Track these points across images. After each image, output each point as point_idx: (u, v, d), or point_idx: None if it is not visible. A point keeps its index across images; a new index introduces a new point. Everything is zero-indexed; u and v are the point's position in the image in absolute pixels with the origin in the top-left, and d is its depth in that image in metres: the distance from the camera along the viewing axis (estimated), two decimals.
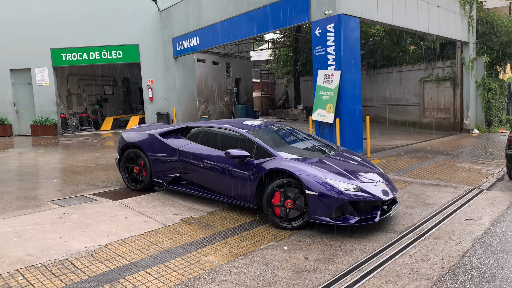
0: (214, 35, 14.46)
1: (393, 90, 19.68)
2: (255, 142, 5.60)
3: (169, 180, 6.34)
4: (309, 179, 4.89)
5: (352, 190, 4.88)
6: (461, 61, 16.58)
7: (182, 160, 6.14)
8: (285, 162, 5.22)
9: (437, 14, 14.10)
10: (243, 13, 12.84)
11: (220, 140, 6.05)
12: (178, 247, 4.52)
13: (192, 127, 6.58)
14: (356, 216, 4.84)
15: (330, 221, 4.84)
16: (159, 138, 6.54)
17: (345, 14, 10.02)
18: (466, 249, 4.48)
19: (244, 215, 5.71)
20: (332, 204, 4.80)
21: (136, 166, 6.82)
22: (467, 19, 16.17)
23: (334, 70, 10.13)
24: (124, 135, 7.11)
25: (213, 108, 20.76)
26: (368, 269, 4.01)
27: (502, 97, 18.14)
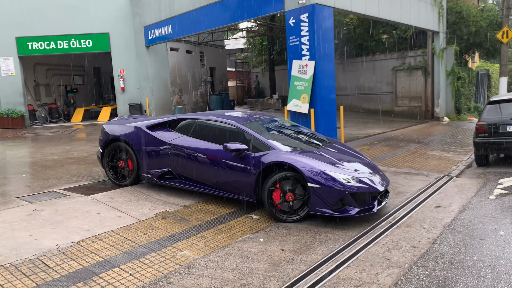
0: (187, 24, 14.21)
1: (366, 79, 19.94)
2: (252, 135, 5.51)
3: (159, 175, 6.13)
4: (311, 171, 4.89)
5: (351, 181, 4.93)
6: (432, 50, 16.92)
7: (174, 154, 5.96)
8: (285, 155, 5.17)
9: (409, 3, 14.30)
10: (216, 2, 12.65)
11: (214, 133, 5.88)
12: (153, 242, 4.47)
13: (181, 119, 6.35)
14: (356, 207, 4.91)
15: (331, 213, 4.88)
16: (147, 131, 6.28)
17: (319, 3, 10.02)
18: (436, 236, 4.61)
19: (220, 207, 5.69)
20: (334, 196, 4.84)
21: (121, 161, 6.57)
22: (438, 9, 16.47)
23: (309, 60, 10.15)
24: (106, 128, 6.80)
25: (188, 98, 20.51)
26: (342, 258, 4.08)
27: (471, 85, 18.68)
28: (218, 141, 5.68)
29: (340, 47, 20.47)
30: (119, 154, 6.63)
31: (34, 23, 17.07)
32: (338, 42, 20.08)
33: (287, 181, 5.05)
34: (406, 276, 3.69)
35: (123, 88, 18.04)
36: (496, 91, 22.50)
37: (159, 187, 6.53)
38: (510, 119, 7.85)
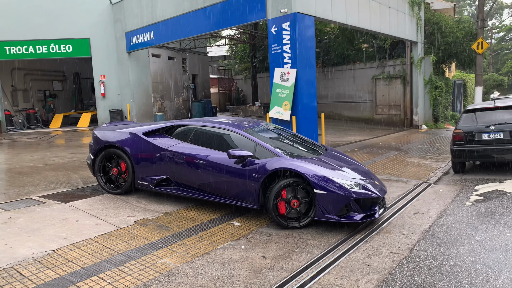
0: (169, 30, 14.18)
1: (347, 87, 20.23)
2: (255, 142, 5.49)
3: (156, 182, 5.96)
4: (317, 178, 4.93)
5: (355, 188, 4.98)
6: (410, 59, 17.30)
7: (173, 160, 5.81)
8: (290, 161, 5.18)
9: (388, 14, 14.62)
10: (199, 9, 12.68)
11: (214, 140, 5.81)
12: (133, 250, 4.40)
13: (179, 125, 6.22)
14: (360, 213, 4.97)
15: (337, 219, 4.92)
16: (144, 137, 6.10)
17: (300, 12, 10.15)
18: (415, 242, 4.69)
19: (202, 214, 5.66)
20: (339, 202, 4.89)
21: (114, 168, 6.34)
22: (416, 19, 16.89)
23: (290, 68, 10.24)
24: (98, 134, 6.54)
25: (169, 104, 20.39)
26: (323, 265, 4.10)
27: (448, 94, 19.16)
28: (218, 148, 5.65)
29: (321, 56, 20.75)
30: (112, 161, 6.41)
31: (12, 27, 16.75)
32: (319, 50, 20.36)
33: (292, 188, 5.06)
34: (386, 281, 3.74)
35: (103, 94, 17.81)
36: (471, 100, 23.13)
37: (139, 194, 6.45)
38: (485, 127, 8.07)
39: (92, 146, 6.63)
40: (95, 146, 6.52)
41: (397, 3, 15.34)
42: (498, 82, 38.89)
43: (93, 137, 6.63)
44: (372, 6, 13.50)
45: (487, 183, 7.54)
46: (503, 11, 69.37)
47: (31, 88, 20.14)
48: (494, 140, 7.97)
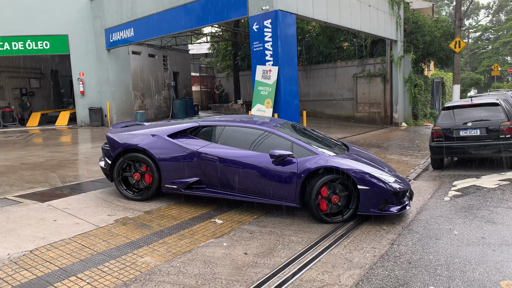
0: (149, 27, 14.00)
1: (328, 85, 20.37)
2: (291, 141, 5.52)
3: (186, 185, 5.74)
4: (360, 174, 5.08)
5: (391, 182, 5.20)
6: (390, 58, 17.54)
7: (204, 162, 5.61)
8: (331, 159, 5.28)
9: (369, 13, 14.78)
10: (180, 5, 12.56)
11: (246, 140, 5.70)
12: (113, 249, 4.32)
13: (204, 126, 6.01)
14: (397, 205, 5.20)
15: (379, 212, 5.13)
16: (170, 139, 5.86)
17: (282, 10, 10.16)
18: (395, 237, 4.75)
19: (183, 212, 5.60)
20: (381, 196, 5.10)
21: (136, 173, 5.96)
22: (395, 18, 17.12)
23: (272, 66, 10.25)
24: (115, 137, 6.08)
25: (150, 102, 20.16)
26: (305, 261, 4.11)
27: (427, 92, 19.51)
28: (252, 148, 5.59)
29: (303, 54, 20.84)
30: (132, 166, 6.02)
31: None
32: (301, 49, 20.44)
33: (330, 184, 5.16)
34: (367, 276, 3.77)
35: (82, 91, 17.49)
36: (450, 98, 23.61)
37: (117, 193, 6.35)
38: (462, 124, 8.25)
39: (107, 150, 6.16)
40: (113, 151, 6.04)
41: (377, 2, 15.52)
42: (475, 81, 39.83)
43: (108, 141, 6.16)
44: (353, 4, 13.62)
45: (464, 179, 7.71)
46: (479, 11, 71.06)
47: (7, 86, 19.63)
48: (471, 136, 8.15)
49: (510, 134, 7.88)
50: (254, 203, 5.90)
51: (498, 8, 67.77)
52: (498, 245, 4.40)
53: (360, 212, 5.16)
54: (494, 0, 71.22)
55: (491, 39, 64.42)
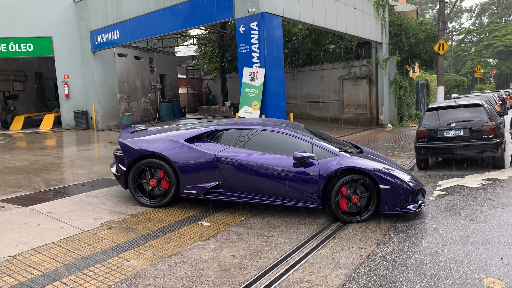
0: (135, 29, 13.90)
1: (315, 87, 20.48)
2: (311, 143, 5.61)
3: (205, 190, 5.64)
4: (381, 174, 5.22)
5: (408, 180, 5.37)
6: (376, 60, 17.72)
7: (223, 166, 5.56)
8: (351, 159, 5.39)
9: (354, 15, 14.92)
10: (166, 7, 12.50)
11: (265, 143, 5.71)
12: (98, 253, 4.27)
13: (220, 130, 5.95)
14: (415, 203, 5.42)
15: (400, 210, 5.28)
16: (188, 144, 5.77)
17: (268, 12, 10.19)
18: (382, 237, 4.79)
19: (170, 215, 5.56)
20: (402, 195, 5.26)
21: (153, 179, 5.82)
22: (380, 21, 17.32)
23: (259, 68, 10.26)
24: (129, 143, 5.92)
25: (136, 105, 19.99)
26: (292, 262, 4.12)
27: (412, 94, 19.76)
28: (270, 150, 5.60)
29: (289, 56, 20.92)
30: (148, 172, 5.86)
31: None
32: (287, 51, 20.52)
33: (350, 184, 5.25)
34: (354, 276, 3.79)
35: (67, 94, 17.26)
36: (434, 99, 23.94)
37: (105, 196, 6.28)
38: (447, 125, 8.37)
39: (121, 156, 5.97)
40: (127, 157, 5.87)
41: (363, 4, 15.68)
42: (458, 82, 40.50)
43: (122, 147, 5.98)
44: (339, 7, 13.73)
45: (449, 179, 7.81)
46: (462, 14, 72.36)
47: None
48: (455, 137, 8.27)
49: (493, 134, 8.02)
50: (240, 203, 5.92)
51: (480, 11, 69.12)
52: (482, 243, 4.47)
53: (382, 211, 5.28)
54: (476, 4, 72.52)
55: (473, 41, 65.63)
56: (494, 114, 8.94)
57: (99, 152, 11.56)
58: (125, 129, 6.80)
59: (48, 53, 16.96)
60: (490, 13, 67.49)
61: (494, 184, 7.15)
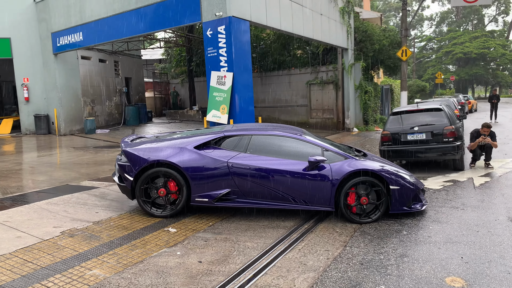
0: (100, 32, 13.55)
1: (283, 92, 20.65)
2: (322, 147, 5.72)
3: (218, 198, 5.54)
4: (390, 175, 5.43)
5: (413, 181, 5.66)
6: (341, 65, 18.07)
7: (235, 173, 5.49)
8: (361, 162, 5.53)
9: (320, 21, 15.17)
10: (131, 10, 12.26)
11: (273, 148, 5.71)
12: (58, 262, 4.09)
13: (229, 136, 5.85)
14: (421, 202, 5.72)
15: (408, 209, 5.55)
16: (198, 151, 5.64)
17: (236, 16, 10.19)
18: (348, 239, 4.85)
19: (135, 222, 5.42)
20: (410, 195, 5.55)
21: (162, 188, 5.59)
22: (346, 27, 17.70)
23: (227, 72, 10.23)
24: (136, 152, 5.68)
25: (101, 109, 19.48)
26: (260, 266, 4.09)
27: (377, 99, 20.27)
28: (281, 155, 5.62)
29: (258, 61, 21.01)
30: (157, 181, 5.65)
31: None
32: (256, 56, 20.60)
33: (362, 186, 5.41)
34: (321, 279, 3.81)
35: (27, 98, 16.59)
36: (398, 104, 24.68)
37: (67, 203, 6.05)
38: (410, 129, 8.62)
39: (127, 166, 5.69)
40: (135, 166, 5.61)
41: (329, 11, 15.97)
42: (421, 88, 41.95)
43: (128, 156, 5.72)
44: (305, 13, 13.92)
45: None
46: (423, 22, 75.15)
47: None
48: (418, 140, 8.53)
49: (453, 138, 8.33)
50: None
51: (440, 20, 72.04)
52: (443, 243, 4.61)
53: (392, 211, 5.49)
54: (436, 13, 75.49)
55: (434, 48, 68.31)
56: (454, 118, 9.29)
57: (61, 157, 11.16)
58: (123, 138, 6.55)
59: (6, 54, 16.26)
60: (450, 22, 70.49)
61: (455, 185, 7.42)
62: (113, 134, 16.80)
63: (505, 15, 65.95)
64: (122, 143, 6.19)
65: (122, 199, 6.50)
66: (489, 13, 68.11)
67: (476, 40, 57.67)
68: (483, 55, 57.52)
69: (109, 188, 7.13)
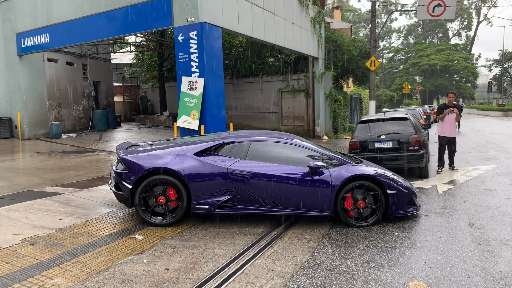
0: (68, 33, 13.20)
1: (255, 99, 20.75)
2: (321, 152, 5.85)
3: (218, 205, 5.47)
4: (387, 180, 5.59)
5: (408, 185, 5.84)
6: (312, 74, 18.36)
7: (235, 179, 5.46)
8: (359, 167, 5.69)
9: (292, 30, 15.37)
10: (101, 12, 12.02)
11: (273, 154, 5.76)
12: (17, 271, 3.92)
13: (228, 142, 5.82)
14: (415, 205, 5.90)
15: (404, 213, 5.74)
16: (198, 158, 5.56)
17: (208, 22, 10.18)
18: (316, 245, 4.89)
19: (100, 229, 5.27)
20: (405, 199, 5.71)
21: (161, 196, 5.47)
22: (317, 37, 18.01)
23: (198, 77, 10.18)
24: (135, 159, 5.53)
25: (68, 113, 18.93)
26: (228, 273, 4.06)
27: (346, 107, 20.67)
28: (281, 161, 5.67)
29: (230, 67, 21.03)
30: (156, 189, 5.53)
31: None
32: (228, 62, 20.63)
33: (360, 190, 5.55)
34: (289, 285, 3.82)
35: None
36: (367, 112, 25.26)
37: (28, 209, 5.82)
38: (377, 137, 8.83)
39: (125, 174, 5.54)
40: (134, 174, 5.48)
41: (300, 20, 16.21)
42: (389, 97, 43.15)
43: (127, 163, 5.56)
44: (277, 21, 14.07)
45: None
46: (392, 34, 77.53)
47: None
48: (385, 148, 8.75)
49: (418, 146, 8.59)
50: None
51: (407, 32, 74.54)
52: (408, 248, 4.73)
53: (389, 215, 5.65)
54: (404, 25, 78.03)
55: (402, 60, 70.52)
56: (419, 128, 9.60)
57: (24, 162, 10.75)
58: (119, 145, 6.34)
59: None
60: (416, 34, 73.04)
61: (419, 193, 7.62)
62: (80, 139, 16.35)
63: (468, 29, 69.01)
64: (118, 150, 6.05)
65: (87, 205, 6.32)
66: (453, 27, 71.12)
67: (441, 53, 60.01)
68: (448, 67, 59.92)
69: (74, 194, 6.92)
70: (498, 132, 20.39)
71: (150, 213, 5.55)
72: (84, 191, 7.15)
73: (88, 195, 6.94)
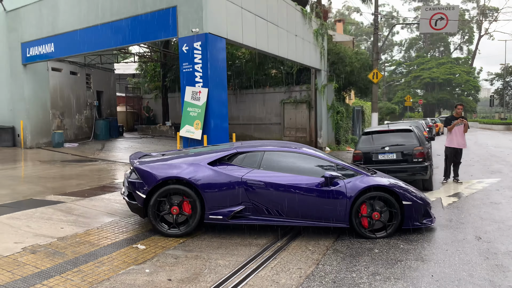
0: (72, 43, 13.28)
1: (257, 110, 20.78)
2: (335, 163, 5.78)
3: (231, 215, 5.40)
4: (403, 191, 5.54)
5: (423, 196, 5.79)
6: (315, 86, 18.39)
7: (250, 190, 5.40)
8: (373, 178, 5.62)
9: (295, 42, 15.45)
10: (106, 23, 12.11)
11: (288, 164, 5.73)
12: (18, 280, 3.86)
13: (241, 152, 5.79)
14: (430, 217, 5.83)
15: (420, 225, 5.64)
16: (212, 168, 5.53)
17: (212, 33, 10.23)
18: (321, 257, 4.82)
19: (102, 238, 5.22)
20: (421, 210, 5.65)
21: (174, 206, 5.42)
22: (320, 49, 18.10)
23: (202, 87, 10.20)
24: (149, 169, 5.51)
25: (70, 122, 18.95)
26: (232, 285, 4.00)
27: (348, 119, 20.68)
28: (295, 171, 5.64)
29: (233, 79, 21.10)
30: (169, 198, 5.48)
31: None
32: (231, 73, 20.70)
33: (375, 202, 5.49)
34: None
35: None
36: (369, 125, 25.21)
37: (29, 218, 5.77)
38: (380, 149, 8.78)
39: (138, 183, 5.49)
40: (148, 183, 5.43)
41: (303, 32, 16.31)
42: (391, 110, 43.22)
43: (141, 173, 5.53)
44: (280, 33, 14.15)
45: None
46: (393, 47, 77.95)
47: None
48: (388, 160, 8.70)
49: (422, 158, 8.54)
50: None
51: (409, 45, 74.92)
52: (414, 261, 4.65)
53: (405, 226, 5.56)
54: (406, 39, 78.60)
55: (403, 73, 70.75)
56: (423, 140, 9.56)
57: (26, 171, 10.72)
58: (132, 155, 6.33)
59: None
60: (418, 48, 73.41)
61: None
62: (82, 148, 16.34)
63: (469, 43, 69.33)
64: (132, 159, 6.02)
65: (89, 214, 6.27)
66: (455, 41, 71.42)
67: (442, 66, 60.19)
68: (449, 80, 60.03)
69: (76, 203, 6.88)
70: (501, 146, 20.33)
71: (166, 224, 5.48)
72: (86, 200, 7.11)
73: (90, 204, 6.89)
